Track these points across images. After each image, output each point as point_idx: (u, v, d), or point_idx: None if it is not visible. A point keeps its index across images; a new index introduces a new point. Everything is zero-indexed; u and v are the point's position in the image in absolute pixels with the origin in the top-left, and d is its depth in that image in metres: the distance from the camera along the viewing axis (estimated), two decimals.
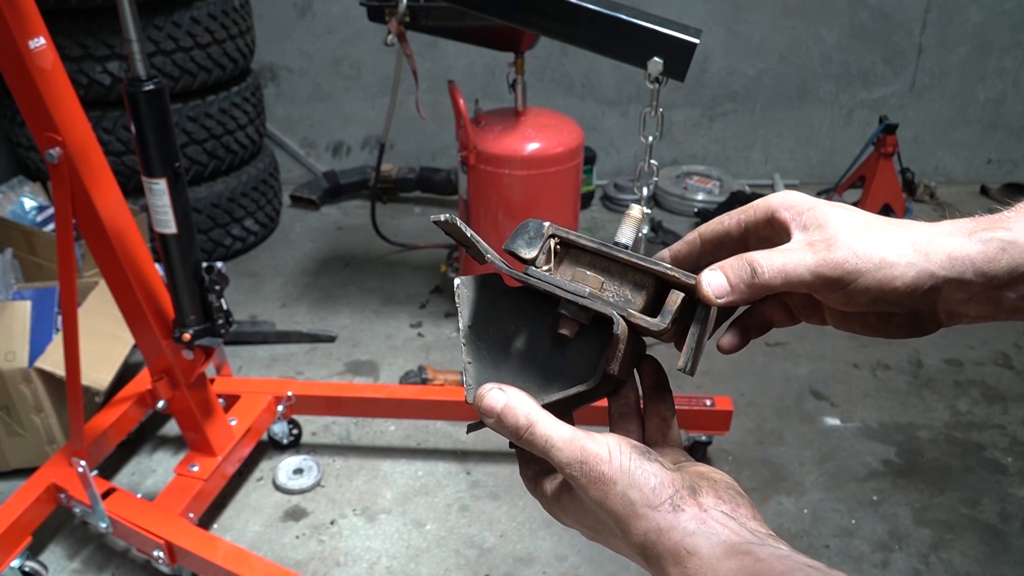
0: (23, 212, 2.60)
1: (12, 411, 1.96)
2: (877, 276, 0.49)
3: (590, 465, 0.48)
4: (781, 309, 0.58)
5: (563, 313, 0.54)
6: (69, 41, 2.57)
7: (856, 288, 0.49)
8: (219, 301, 1.67)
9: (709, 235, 0.57)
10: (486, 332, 0.57)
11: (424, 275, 3.05)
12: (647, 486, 0.47)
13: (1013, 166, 3.88)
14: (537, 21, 1.75)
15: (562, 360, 0.55)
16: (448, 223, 0.55)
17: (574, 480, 0.49)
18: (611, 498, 0.48)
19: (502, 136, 2.45)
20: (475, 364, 0.56)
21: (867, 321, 0.55)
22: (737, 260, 0.52)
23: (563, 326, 0.54)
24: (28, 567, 1.71)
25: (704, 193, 3.59)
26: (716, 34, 3.54)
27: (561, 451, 0.49)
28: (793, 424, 2.27)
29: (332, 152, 3.87)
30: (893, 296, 0.49)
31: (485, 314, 0.57)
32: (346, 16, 3.51)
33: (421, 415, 2.15)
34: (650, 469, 0.48)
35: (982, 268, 0.49)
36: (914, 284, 0.49)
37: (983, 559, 1.85)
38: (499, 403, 0.51)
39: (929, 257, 0.49)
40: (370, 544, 1.89)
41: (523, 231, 0.56)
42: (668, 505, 0.47)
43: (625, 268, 0.55)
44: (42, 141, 1.41)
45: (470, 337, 0.56)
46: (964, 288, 0.50)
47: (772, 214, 0.54)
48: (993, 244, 0.49)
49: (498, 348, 0.56)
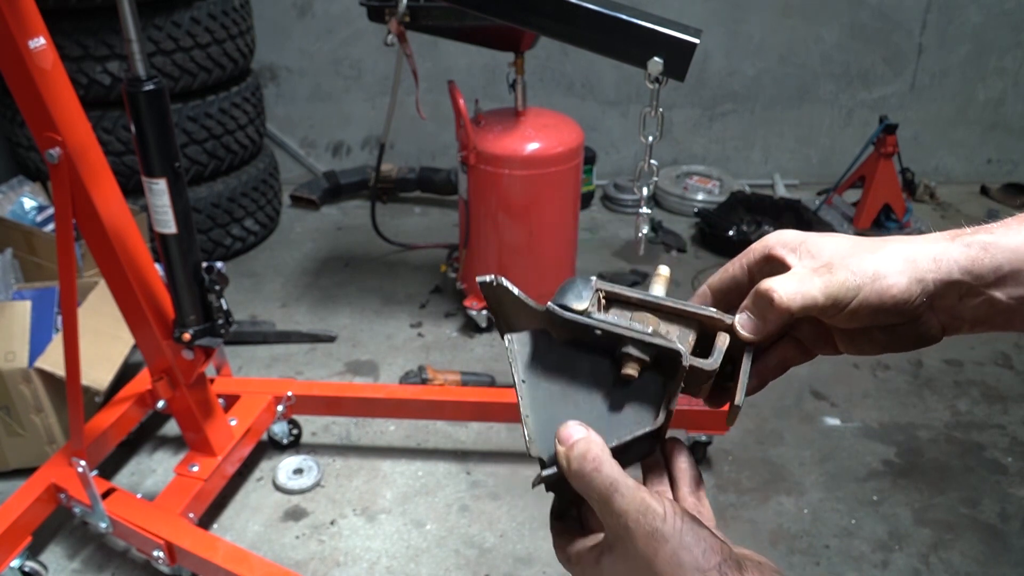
0: (23, 212, 2.60)
1: (12, 411, 1.96)
2: (875, 288, 0.51)
3: (648, 518, 0.49)
4: (794, 346, 0.61)
5: (628, 353, 0.55)
6: (69, 41, 2.57)
7: (858, 303, 0.52)
8: (219, 301, 1.67)
9: (717, 284, 0.61)
10: (541, 385, 0.57)
11: (424, 275, 3.05)
12: (698, 549, 0.48)
13: (1013, 166, 3.88)
14: (537, 21, 1.75)
15: (619, 408, 0.56)
16: (493, 286, 0.57)
17: (627, 532, 0.49)
18: (661, 555, 0.48)
19: (502, 136, 2.45)
20: (533, 417, 0.56)
21: (874, 338, 0.57)
22: (753, 294, 0.55)
23: (627, 366, 0.55)
24: (28, 567, 1.71)
25: (704, 193, 3.59)
26: (716, 34, 3.54)
27: (624, 497, 0.49)
28: (793, 424, 2.27)
29: (332, 152, 3.87)
30: (891, 304, 0.52)
31: (538, 367, 0.58)
32: (346, 16, 3.51)
33: (421, 415, 2.15)
34: (702, 534, 0.49)
35: (967, 267, 0.52)
36: (908, 290, 0.51)
37: (983, 559, 1.85)
38: (578, 434, 0.52)
39: (916, 264, 0.52)
40: (370, 544, 1.89)
41: (571, 287, 0.58)
42: (716, 572, 0.48)
43: (670, 316, 0.58)
44: (42, 141, 1.41)
45: (526, 391, 0.57)
46: (954, 288, 0.52)
47: (769, 252, 0.58)
48: (975, 246, 0.52)
49: (555, 400, 0.57)
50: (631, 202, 3.60)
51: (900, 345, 0.57)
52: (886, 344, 0.57)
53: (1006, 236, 0.52)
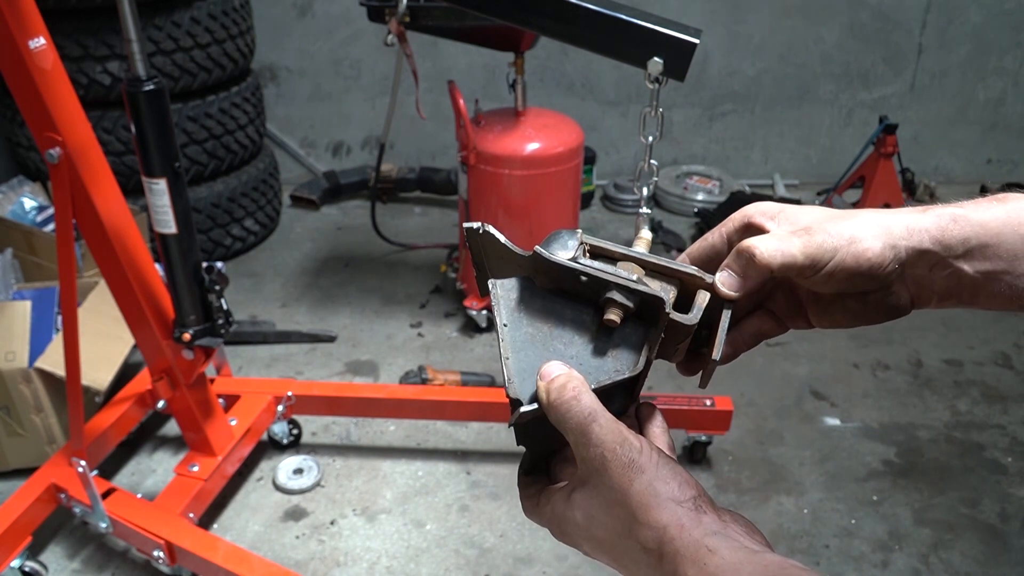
0: (23, 212, 2.60)
1: (12, 411, 1.96)
2: (851, 251, 0.53)
3: (625, 449, 0.49)
4: (768, 317, 0.63)
5: (612, 298, 0.55)
6: (69, 41, 2.57)
7: (835, 264, 0.53)
8: (219, 301, 1.67)
9: (697, 253, 0.62)
10: (523, 330, 0.58)
11: (424, 275, 3.05)
12: (674, 482, 0.49)
13: (1013, 166, 3.88)
14: (537, 21, 1.75)
15: (600, 356, 0.56)
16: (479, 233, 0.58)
17: (603, 462, 0.49)
18: (636, 485, 0.48)
19: (502, 136, 2.45)
20: (513, 358, 0.56)
21: (847, 307, 0.58)
22: (735, 252, 0.56)
23: (610, 311, 0.55)
24: (28, 567, 1.71)
25: (704, 193, 3.59)
26: (716, 34, 3.54)
27: (602, 427, 0.50)
28: (793, 424, 2.27)
29: (332, 152, 3.87)
30: (867, 267, 0.54)
31: (522, 312, 0.58)
32: (346, 16, 3.51)
33: (421, 415, 2.15)
34: (677, 469, 0.50)
35: (937, 237, 0.54)
36: (881, 254, 0.53)
37: (983, 559, 1.85)
38: (560, 370, 0.53)
39: (890, 230, 0.54)
40: (370, 544, 1.89)
41: (556, 237, 0.58)
42: (691, 504, 0.48)
43: (652, 273, 0.59)
44: (42, 141, 1.41)
45: (507, 334, 0.57)
46: (924, 258, 0.55)
47: (749, 220, 0.59)
48: (944, 217, 0.55)
49: (537, 345, 0.57)
50: (631, 202, 3.60)
51: (871, 316, 0.58)
52: (857, 313, 0.58)
53: (975, 211, 0.55)
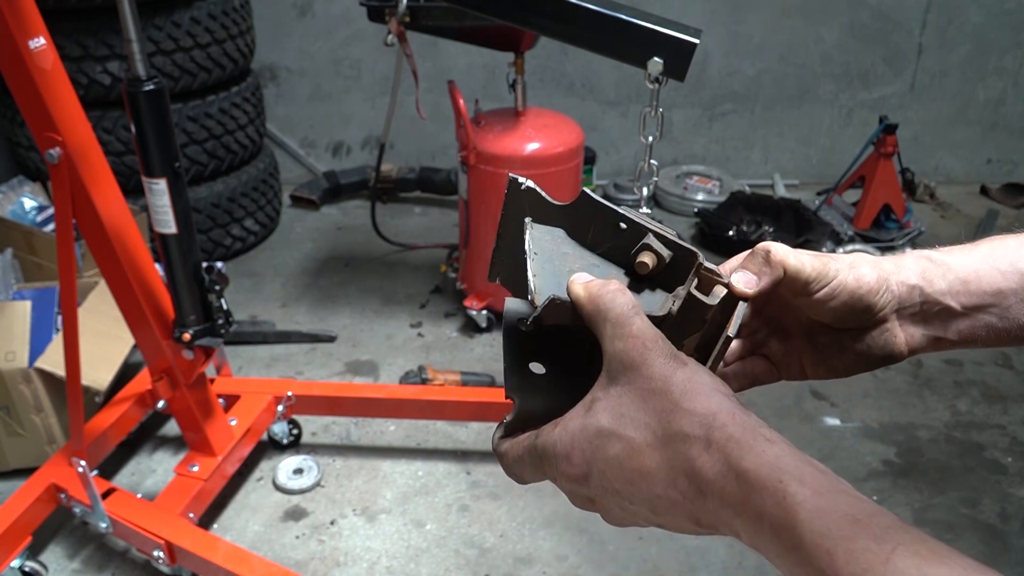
0: (23, 212, 2.60)
1: (12, 411, 1.96)
2: (852, 274, 0.58)
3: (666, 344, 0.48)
4: (762, 361, 0.65)
5: (648, 244, 0.54)
6: (69, 41, 2.57)
7: (839, 282, 0.57)
8: (219, 301, 1.67)
9: None
10: (553, 262, 0.56)
11: (424, 275, 3.05)
12: (717, 379, 0.48)
13: (1013, 166, 3.88)
14: (537, 21, 1.75)
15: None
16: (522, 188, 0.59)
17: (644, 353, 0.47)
18: (680, 375, 0.47)
19: (502, 136, 2.45)
20: (541, 278, 0.54)
21: (844, 347, 0.62)
22: (749, 255, 0.58)
23: (644, 255, 0.54)
24: (28, 567, 1.71)
25: (704, 193, 3.59)
26: (716, 34, 3.54)
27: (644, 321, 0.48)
28: (793, 424, 2.27)
29: (332, 152, 3.87)
30: (865, 289, 0.58)
31: (552, 250, 0.57)
32: (346, 16, 3.51)
33: (421, 415, 2.15)
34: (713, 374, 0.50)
35: (920, 272, 0.60)
36: (877, 282, 0.58)
37: (983, 559, 1.83)
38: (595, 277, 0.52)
39: (881, 265, 0.60)
40: (370, 544, 1.89)
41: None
42: (733, 399, 0.47)
43: None
44: (42, 141, 1.41)
45: (538, 262, 0.55)
46: (914, 292, 0.60)
47: None
48: (922, 258, 0.61)
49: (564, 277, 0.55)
50: (631, 202, 3.60)
51: (867, 361, 0.62)
52: (853, 359, 0.62)
53: (949, 254, 0.61)
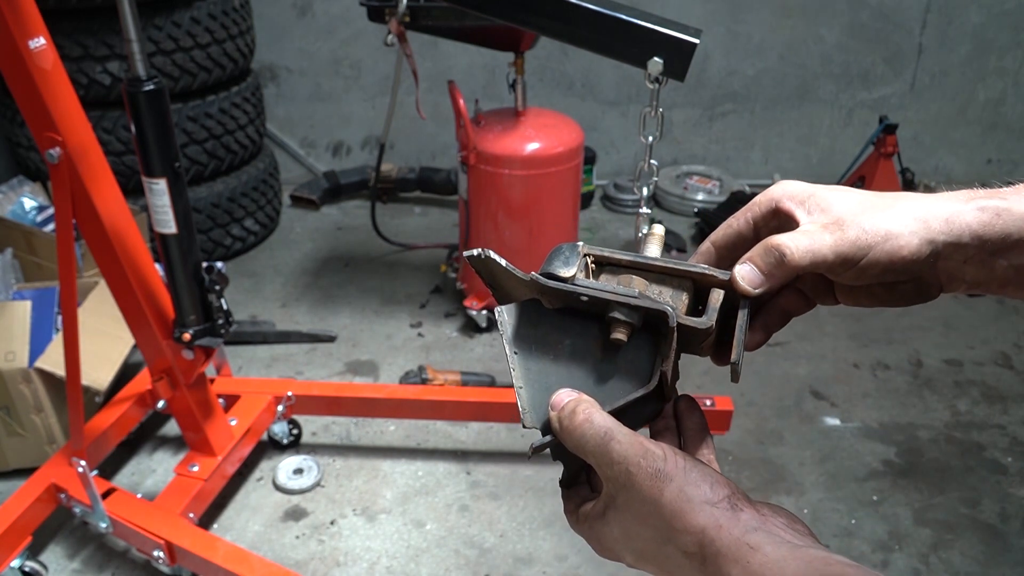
0: (23, 212, 2.60)
1: (12, 411, 1.96)
2: (885, 248, 0.51)
3: (649, 460, 0.48)
4: (797, 296, 0.59)
5: (615, 318, 0.54)
6: (69, 41, 2.57)
7: (868, 262, 0.51)
8: (219, 301, 1.67)
9: (722, 240, 0.59)
10: (533, 356, 0.57)
11: (424, 275, 3.05)
12: (704, 484, 0.47)
13: (1013, 166, 3.88)
14: (537, 21, 1.75)
15: (613, 373, 0.56)
16: (481, 259, 0.56)
17: (629, 477, 0.48)
18: (667, 494, 0.47)
19: (502, 136, 2.45)
20: (527, 388, 0.56)
21: (873, 292, 0.56)
22: (762, 248, 0.53)
23: (615, 331, 0.54)
24: (28, 567, 1.71)
25: (704, 193, 3.59)
26: (716, 34, 3.54)
27: (621, 443, 0.49)
28: (793, 424, 2.27)
29: (332, 152, 3.87)
30: (900, 264, 0.51)
31: (530, 338, 0.57)
32: (346, 16, 3.51)
33: (421, 415, 2.15)
34: (706, 471, 0.49)
35: (977, 232, 0.51)
36: (918, 251, 0.51)
37: (983, 559, 1.85)
38: (569, 397, 0.52)
39: (928, 224, 0.51)
40: (370, 544, 1.89)
41: (558, 253, 0.57)
42: (727, 503, 0.47)
43: (662, 276, 0.57)
44: (42, 141, 1.41)
45: (518, 362, 0.56)
46: (961, 251, 0.52)
47: (776, 205, 0.56)
48: (988, 210, 0.52)
49: (547, 370, 0.56)
50: (631, 202, 3.60)
51: (898, 300, 0.56)
52: (885, 299, 0.56)
53: (1019, 203, 0.52)
